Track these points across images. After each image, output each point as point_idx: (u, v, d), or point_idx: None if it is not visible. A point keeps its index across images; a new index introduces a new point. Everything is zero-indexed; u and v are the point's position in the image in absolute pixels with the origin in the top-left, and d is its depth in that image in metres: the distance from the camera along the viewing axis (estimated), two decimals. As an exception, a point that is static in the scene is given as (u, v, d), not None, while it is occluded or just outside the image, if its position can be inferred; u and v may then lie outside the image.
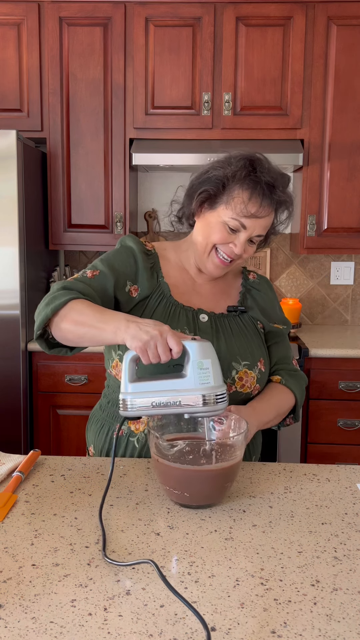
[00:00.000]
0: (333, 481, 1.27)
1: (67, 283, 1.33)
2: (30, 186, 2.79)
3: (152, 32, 2.85)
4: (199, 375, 1.14)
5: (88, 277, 1.37)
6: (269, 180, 1.33)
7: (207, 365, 1.14)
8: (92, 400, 1.73)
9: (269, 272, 3.35)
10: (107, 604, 0.85)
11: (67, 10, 2.85)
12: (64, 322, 1.26)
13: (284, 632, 0.79)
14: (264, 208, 1.34)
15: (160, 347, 1.13)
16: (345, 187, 2.92)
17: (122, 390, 1.17)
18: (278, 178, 1.36)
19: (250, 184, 1.33)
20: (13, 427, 2.73)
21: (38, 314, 1.31)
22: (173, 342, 1.13)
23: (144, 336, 1.13)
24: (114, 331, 1.18)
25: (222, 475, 1.11)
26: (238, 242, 1.36)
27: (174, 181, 3.27)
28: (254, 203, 1.33)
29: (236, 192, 1.33)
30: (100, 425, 1.47)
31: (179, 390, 1.14)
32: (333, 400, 2.75)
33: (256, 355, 1.42)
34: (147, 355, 1.14)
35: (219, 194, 1.35)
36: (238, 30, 2.82)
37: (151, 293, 1.41)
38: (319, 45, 2.83)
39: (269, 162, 1.38)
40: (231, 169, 1.34)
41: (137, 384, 1.16)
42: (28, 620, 0.81)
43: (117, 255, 1.43)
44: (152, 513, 1.11)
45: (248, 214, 1.33)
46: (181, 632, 0.79)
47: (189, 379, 1.14)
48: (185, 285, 1.46)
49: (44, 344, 1.36)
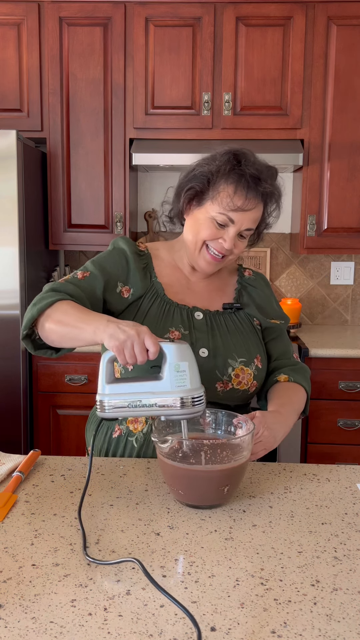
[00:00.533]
0: (333, 481, 1.27)
1: (56, 285, 1.35)
2: (30, 186, 2.79)
3: (152, 32, 2.85)
4: (175, 378, 1.14)
5: (78, 278, 1.39)
6: (254, 172, 1.33)
7: (184, 367, 1.14)
8: (92, 400, 1.73)
9: (269, 272, 3.35)
10: (107, 604, 0.85)
11: (67, 10, 2.85)
12: (48, 322, 1.28)
13: (284, 632, 0.79)
14: (249, 200, 1.33)
15: (137, 347, 1.13)
16: (345, 187, 2.92)
17: (98, 392, 1.17)
18: (264, 170, 1.36)
19: (234, 177, 1.33)
20: (13, 427, 2.73)
21: (25, 315, 1.33)
22: (150, 342, 1.13)
23: (121, 335, 1.14)
24: (94, 330, 1.19)
25: (225, 475, 1.11)
26: (227, 236, 1.36)
27: (173, 181, 3.25)
28: (240, 196, 1.33)
29: (222, 186, 1.34)
30: (99, 426, 1.47)
31: (155, 393, 1.14)
32: (333, 400, 2.75)
33: (253, 352, 1.42)
34: (123, 354, 1.14)
35: (205, 190, 1.36)
36: (238, 30, 2.82)
37: (145, 293, 1.42)
38: (319, 45, 2.83)
39: (255, 156, 1.38)
40: (216, 164, 1.35)
41: (114, 385, 1.17)
42: (28, 620, 0.81)
43: (108, 256, 1.44)
44: (152, 513, 1.11)
45: (234, 208, 1.33)
46: (181, 632, 0.79)
47: (165, 381, 1.14)
48: (179, 284, 1.47)
49: (30, 344, 1.37)
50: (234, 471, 1.11)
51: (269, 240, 3.33)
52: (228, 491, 1.12)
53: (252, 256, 3.32)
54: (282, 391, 1.42)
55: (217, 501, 1.13)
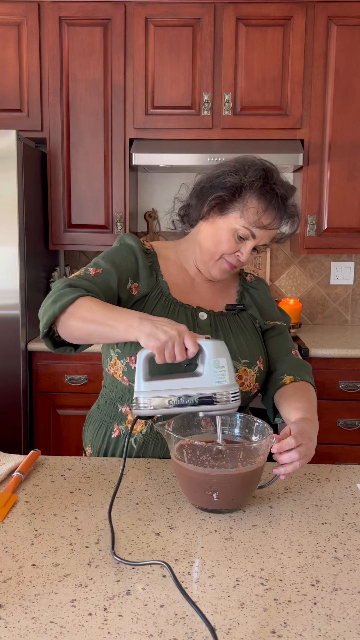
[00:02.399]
0: (333, 481, 1.27)
1: (73, 280, 1.32)
2: (30, 186, 2.79)
3: (152, 32, 2.85)
4: (215, 374, 1.14)
5: (91, 275, 1.36)
6: (284, 193, 1.35)
7: (223, 363, 1.15)
8: (92, 400, 1.73)
9: (269, 272, 3.35)
10: (107, 604, 0.85)
11: (67, 10, 2.85)
12: (72, 319, 1.24)
13: (284, 632, 0.79)
14: (277, 221, 1.35)
15: (178, 347, 1.13)
16: (345, 187, 2.92)
17: (136, 389, 1.16)
18: (289, 190, 1.37)
19: (267, 196, 1.33)
20: (13, 427, 2.73)
21: (44, 312, 1.29)
22: (190, 343, 1.13)
23: (162, 336, 1.13)
24: (126, 329, 1.17)
25: (249, 478, 1.10)
26: (244, 250, 1.37)
27: (174, 181, 3.27)
28: (269, 215, 1.34)
29: (253, 202, 1.33)
30: (98, 425, 1.47)
31: (195, 389, 1.14)
32: (333, 400, 2.75)
33: (255, 354, 1.42)
34: (163, 355, 1.13)
35: (231, 201, 1.35)
36: (238, 30, 2.82)
37: (150, 291, 1.41)
38: (319, 45, 2.83)
39: (278, 173, 1.39)
40: (247, 178, 1.33)
41: (151, 383, 1.16)
42: (28, 620, 0.81)
43: (118, 252, 1.42)
44: (152, 513, 1.11)
45: (261, 225, 1.34)
46: (181, 632, 0.79)
47: (205, 377, 1.14)
48: (184, 284, 1.47)
49: (50, 342, 1.34)
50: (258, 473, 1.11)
51: (269, 240, 3.32)
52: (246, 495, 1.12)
53: (252, 256, 3.32)
54: (299, 394, 1.38)
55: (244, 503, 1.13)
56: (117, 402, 1.43)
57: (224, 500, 1.10)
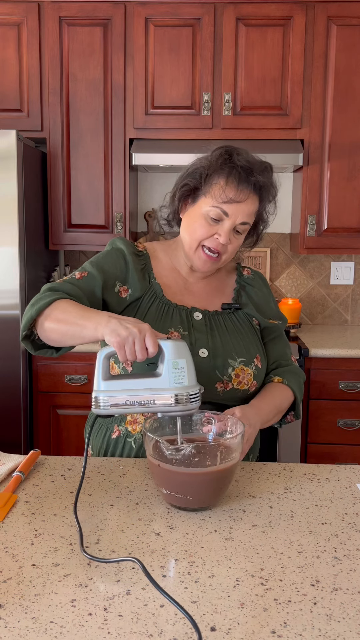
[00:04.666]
0: (333, 481, 1.27)
1: (54, 284, 1.35)
2: (30, 186, 2.79)
3: (152, 32, 2.85)
4: (173, 375, 1.14)
5: (76, 278, 1.39)
6: (245, 164, 1.34)
7: (182, 365, 1.14)
8: (92, 400, 1.73)
9: (269, 272, 3.35)
10: (107, 604, 0.85)
11: (67, 10, 2.85)
12: (47, 321, 1.28)
13: (284, 632, 0.79)
14: (241, 191, 1.34)
15: (138, 344, 1.13)
16: (345, 187, 2.92)
17: (94, 388, 1.17)
18: (256, 164, 1.36)
19: (225, 169, 1.34)
20: (13, 427, 2.73)
21: (24, 315, 1.32)
22: (150, 342, 1.13)
23: (123, 332, 1.14)
24: (95, 327, 1.19)
25: (221, 477, 1.11)
26: (222, 231, 1.35)
27: (173, 181, 3.26)
28: (231, 187, 1.33)
29: (214, 180, 1.35)
30: (98, 426, 1.47)
31: (152, 389, 1.14)
32: (333, 400, 2.75)
33: (252, 352, 1.43)
34: (124, 351, 1.14)
35: (199, 187, 1.38)
36: (238, 30, 2.82)
37: (143, 294, 1.42)
38: (319, 45, 2.83)
39: (248, 152, 1.39)
40: (208, 160, 1.37)
41: (110, 382, 1.16)
42: (28, 620, 0.81)
43: (106, 257, 1.44)
44: (152, 513, 1.11)
45: (227, 199, 1.33)
46: (181, 632, 0.79)
47: (163, 378, 1.14)
48: (177, 285, 1.47)
49: (30, 345, 1.37)
50: (231, 471, 1.12)
51: (269, 240, 3.33)
52: (224, 491, 1.12)
53: (252, 256, 3.32)
54: (268, 388, 1.44)
55: (215, 503, 1.13)
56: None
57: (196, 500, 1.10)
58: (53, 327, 1.27)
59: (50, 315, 1.28)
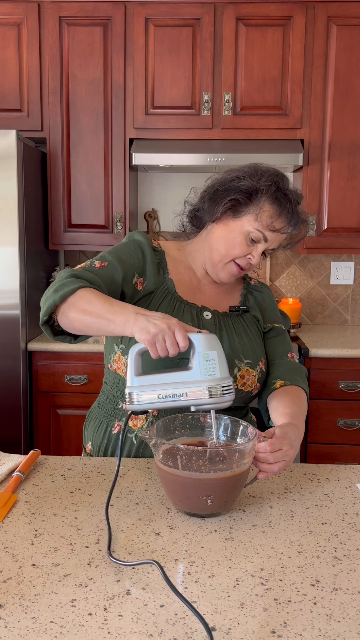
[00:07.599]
0: (333, 481, 1.27)
1: (76, 271, 1.33)
2: (30, 186, 2.79)
3: (152, 32, 2.85)
4: (204, 367, 1.13)
5: (96, 267, 1.37)
6: (296, 199, 1.38)
7: (213, 357, 1.14)
8: (92, 400, 1.73)
9: (269, 272, 3.35)
10: (107, 604, 0.85)
11: (67, 10, 2.85)
12: (72, 310, 1.26)
13: (284, 632, 0.79)
14: (288, 225, 1.38)
15: (169, 340, 1.13)
16: (345, 187, 2.92)
17: (128, 385, 1.16)
18: (299, 197, 1.42)
19: (281, 201, 1.36)
20: (13, 427, 2.73)
21: (45, 301, 1.30)
22: (180, 336, 1.13)
23: (153, 329, 1.13)
24: (123, 323, 1.18)
25: (240, 480, 1.09)
26: (256, 253, 1.39)
27: (173, 181, 3.27)
28: (282, 220, 1.37)
29: (266, 206, 1.36)
30: (99, 422, 1.47)
31: (185, 383, 1.14)
32: (333, 400, 2.75)
33: (258, 355, 1.43)
34: (155, 348, 1.14)
35: (246, 204, 1.38)
36: (238, 30, 2.82)
37: (156, 288, 1.42)
38: (319, 45, 2.83)
39: (289, 180, 1.43)
40: (263, 183, 1.37)
41: (143, 378, 1.16)
42: (28, 620, 0.81)
43: (125, 248, 1.43)
44: (152, 513, 1.11)
45: (274, 229, 1.36)
46: (181, 632, 0.79)
47: (194, 371, 1.14)
48: (190, 283, 1.48)
49: (49, 330, 1.35)
50: (244, 476, 1.10)
51: (269, 240, 3.32)
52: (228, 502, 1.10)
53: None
54: (288, 399, 1.38)
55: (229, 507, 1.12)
56: (117, 399, 1.44)
57: (217, 504, 1.08)
58: (79, 318, 1.25)
59: (75, 305, 1.25)
